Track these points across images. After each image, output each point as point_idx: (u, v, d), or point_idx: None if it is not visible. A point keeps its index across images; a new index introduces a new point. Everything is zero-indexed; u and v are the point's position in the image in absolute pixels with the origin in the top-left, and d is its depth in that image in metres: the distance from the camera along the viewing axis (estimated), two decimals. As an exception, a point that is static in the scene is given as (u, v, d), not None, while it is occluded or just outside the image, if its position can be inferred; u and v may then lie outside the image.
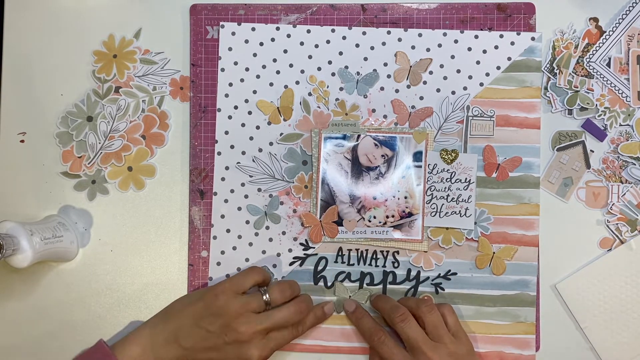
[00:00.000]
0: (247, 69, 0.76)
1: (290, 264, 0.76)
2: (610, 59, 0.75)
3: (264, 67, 0.76)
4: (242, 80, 0.76)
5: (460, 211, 0.75)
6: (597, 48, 0.75)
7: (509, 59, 0.76)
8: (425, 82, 0.76)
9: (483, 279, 0.75)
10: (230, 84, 0.76)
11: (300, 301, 0.71)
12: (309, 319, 0.72)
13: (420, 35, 0.76)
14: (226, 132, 0.76)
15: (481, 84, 0.76)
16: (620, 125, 0.75)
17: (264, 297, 0.69)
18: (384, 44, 0.76)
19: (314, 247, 0.76)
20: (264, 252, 0.76)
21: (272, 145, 0.76)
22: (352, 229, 0.75)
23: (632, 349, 0.74)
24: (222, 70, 0.76)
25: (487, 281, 0.75)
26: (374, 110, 0.76)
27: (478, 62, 0.76)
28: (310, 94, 0.76)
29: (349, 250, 0.76)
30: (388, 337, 0.70)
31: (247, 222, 0.76)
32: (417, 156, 0.75)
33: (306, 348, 0.75)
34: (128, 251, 0.77)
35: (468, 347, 0.70)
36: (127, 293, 0.76)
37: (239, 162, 0.76)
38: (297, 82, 0.76)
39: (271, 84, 0.76)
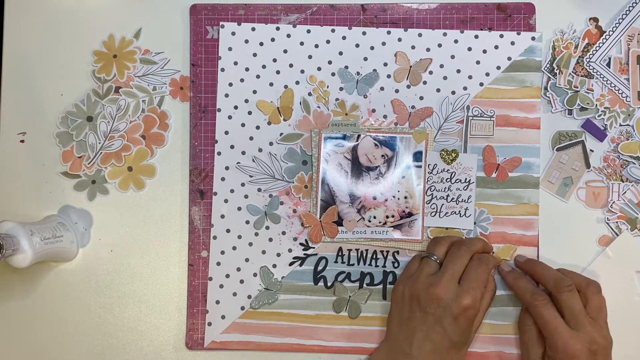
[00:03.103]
0: (247, 69, 0.76)
1: (290, 264, 0.76)
2: (610, 59, 0.75)
3: (264, 67, 0.76)
4: (242, 80, 0.76)
5: (460, 211, 0.75)
6: (597, 48, 0.75)
7: (509, 59, 0.76)
8: (425, 82, 0.76)
9: (483, 279, 0.75)
10: (230, 84, 0.76)
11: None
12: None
13: (420, 35, 0.76)
14: (226, 132, 0.76)
15: (481, 84, 0.76)
16: (621, 125, 0.75)
17: (432, 258, 0.71)
18: (384, 44, 0.76)
19: (314, 247, 0.76)
20: (264, 252, 0.76)
21: (272, 145, 0.76)
22: (352, 229, 0.75)
23: None
24: (222, 70, 0.76)
25: (487, 281, 0.75)
26: (374, 110, 0.76)
27: (478, 62, 0.76)
28: (310, 94, 0.76)
29: (349, 250, 0.76)
30: (551, 301, 0.69)
31: (247, 222, 0.76)
32: (417, 156, 0.75)
33: (306, 348, 0.75)
34: (128, 251, 0.77)
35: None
36: (127, 293, 0.76)
37: (239, 162, 0.76)
38: (297, 82, 0.76)
39: (271, 84, 0.76)
